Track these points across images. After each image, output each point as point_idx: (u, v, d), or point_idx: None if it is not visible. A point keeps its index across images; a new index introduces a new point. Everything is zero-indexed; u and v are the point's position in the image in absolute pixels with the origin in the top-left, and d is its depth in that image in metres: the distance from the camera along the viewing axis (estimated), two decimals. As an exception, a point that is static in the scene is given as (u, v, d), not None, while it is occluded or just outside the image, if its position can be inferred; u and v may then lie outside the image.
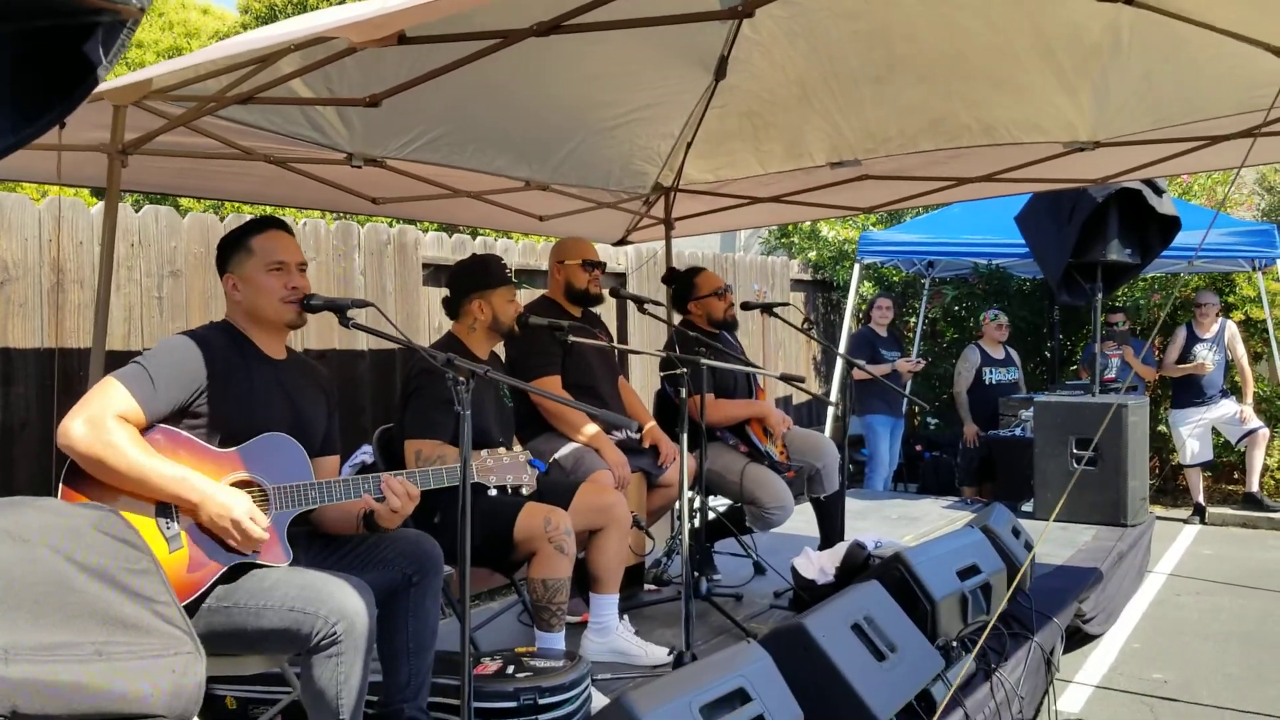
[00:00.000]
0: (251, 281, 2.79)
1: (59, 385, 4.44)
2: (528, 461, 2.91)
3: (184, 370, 2.61)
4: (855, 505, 7.14)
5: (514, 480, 2.88)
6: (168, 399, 2.58)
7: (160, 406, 2.57)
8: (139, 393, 2.53)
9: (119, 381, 2.53)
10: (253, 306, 2.80)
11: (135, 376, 2.55)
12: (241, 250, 2.80)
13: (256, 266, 2.78)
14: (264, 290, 2.78)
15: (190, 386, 2.61)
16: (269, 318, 2.80)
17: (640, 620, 4.20)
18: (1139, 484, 6.58)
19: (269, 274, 2.78)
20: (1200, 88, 4.00)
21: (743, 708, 2.46)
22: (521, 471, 2.89)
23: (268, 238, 2.81)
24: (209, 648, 2.53)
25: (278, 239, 2.83)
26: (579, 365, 4.32)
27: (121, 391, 2.51)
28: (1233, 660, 5.11)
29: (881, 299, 8.49)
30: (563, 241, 4.57)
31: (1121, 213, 6.86)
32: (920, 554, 3.68)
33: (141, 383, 2.54)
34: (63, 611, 1.53)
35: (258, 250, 2.79)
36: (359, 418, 5.83)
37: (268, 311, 2.79)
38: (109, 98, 3.03)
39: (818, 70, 4.38)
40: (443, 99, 3.87)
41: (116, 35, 1.23)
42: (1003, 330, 8.55)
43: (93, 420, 2.45)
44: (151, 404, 2.54)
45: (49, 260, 4.51)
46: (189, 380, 2.61)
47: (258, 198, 5.04)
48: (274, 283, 2.78)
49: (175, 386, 2.59)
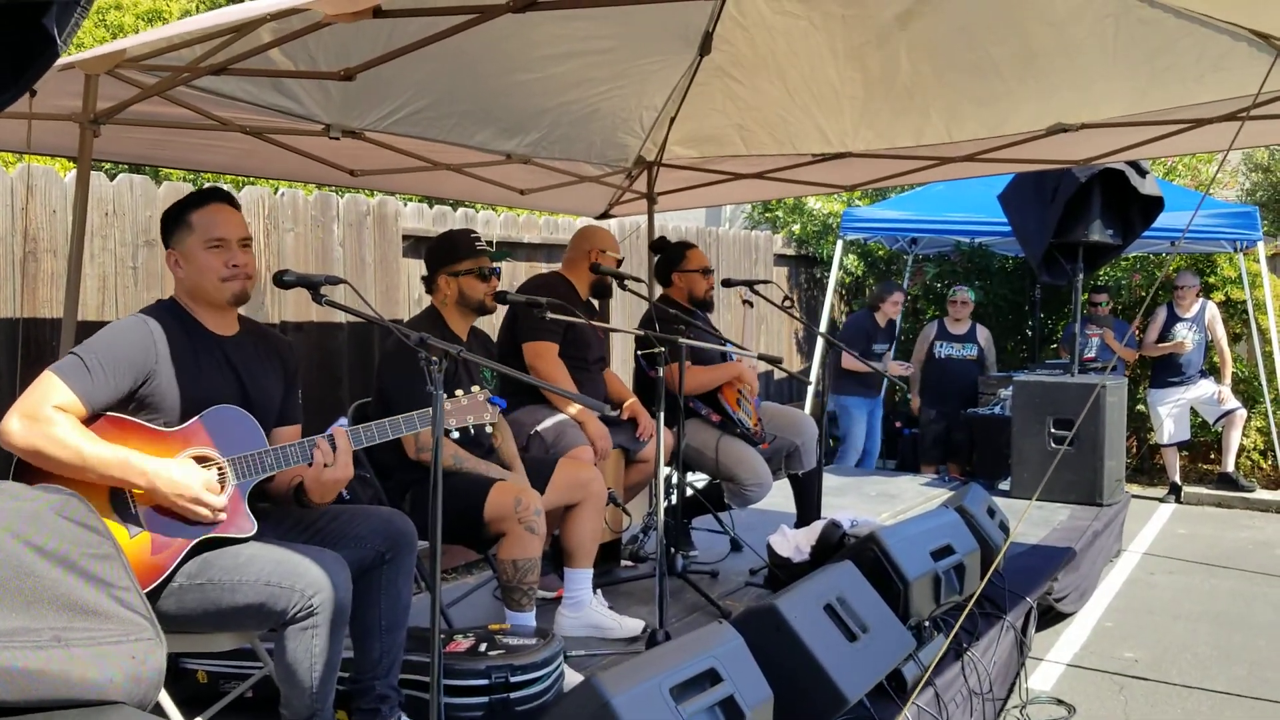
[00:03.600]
0: (192, 259, 2.71)
1: (30, 356, 4.39)
2: (487, 400, 2.87)
3: (125, 357, 2.56)
4: (834, 482, 7.16)
5: (475, 419, 2.84)
6: (108, 388, 2.53)
7: (101, 396, 2.52)
8: (77, 385, 2.49)
9: (55, 375, 2.49)
10: (194, 285, 2.73)
11: (73, 368, 2.51)
12: (182, 225, 2.72)
13: (196, 243, 2.70)
14: (204, 269, 2.70)
15: (132, 373, 2.56)
16: (210, 297, 2.73)
17: (616, 596, 4.21)
18: (1115, 464, 6.64)
19: (208, 251, 2.70)
20: (1185, 75, 4.00)
21: (713, 689, 2.47)
22: (483, 411, 2.85)
23: (208, 212, 2.72)
24: (183, 626, 2.54)
25: (218, 213, 2.73)
26: (579, 339, 4.34)
27: (58, 384, 2.48)
28: (1203, 639, 5.17)
29: (897, 293, 8.35)
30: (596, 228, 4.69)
31: (1104, 193, 6.87)
32: (894, 534, 3.69)
33: (79, 374, 2.50)
34: (21, 597, 1.52)
35: (197, 226, 2.71)
36: (336, 389, 5.81)
37: (208, 291, 2.72)
38: (81, 67, 2.98)
39: (797, 71, 4.41)
40: (423, 72, 3.83)
41: (70, 14, 1.21)
42: (957, 307, 8.52)
43: (29, 414, 2.42)
44: (91, 395, 2.50)
45: (21, 229, 4.46)
46: (130, 367, 2.56)
47: (234, 169, 4.99)
48: (214, 261, 2.70)
49: (116, 374, 2.54)
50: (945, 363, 8.48)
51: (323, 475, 2.65)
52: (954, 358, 8.48)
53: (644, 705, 2.27)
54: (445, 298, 3.71)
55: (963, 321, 8.54)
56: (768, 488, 4.70)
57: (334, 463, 2.65)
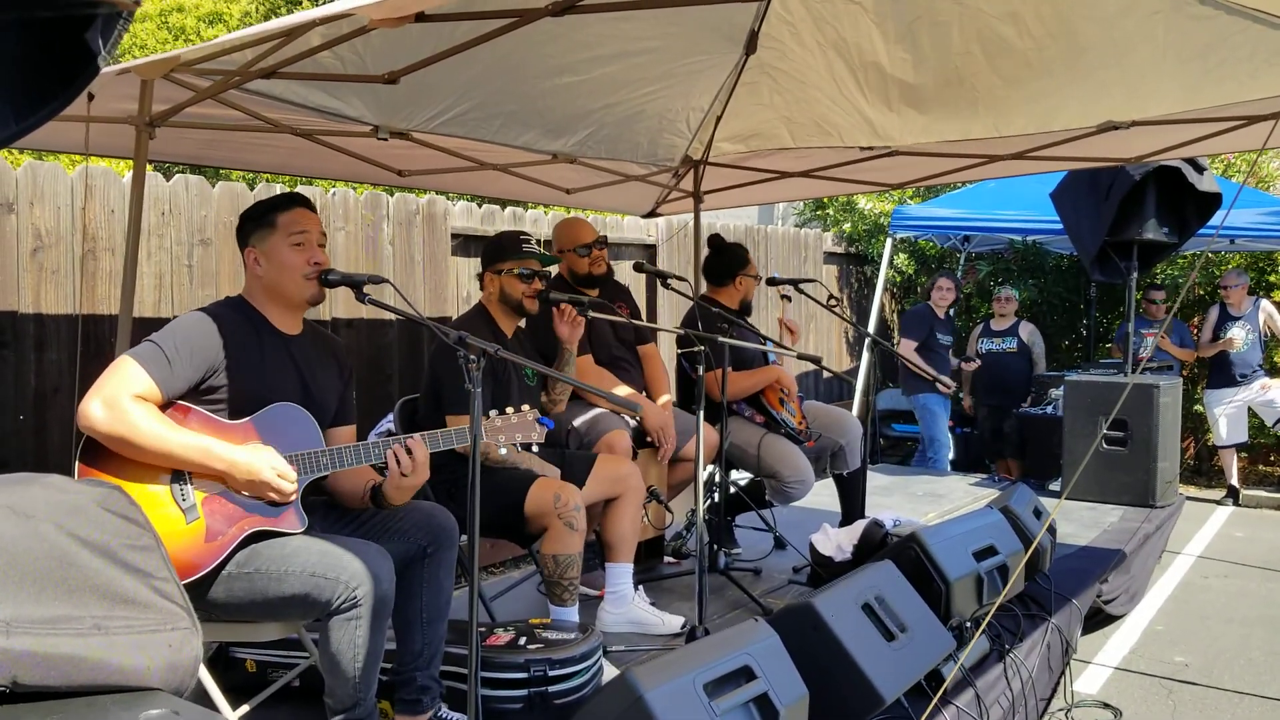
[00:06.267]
0: (274, 256, 2.82)
1: (89, 351, 4.52)
2: (536, 420, 2.94)
3: (197, 348, 2.65)
4: (881, 481, 7.15)
5: (523, 438, 2.93)
6: (183, 377, 2.62)
7: (177, 385, 2.61)
8: (155, 372, 2.57)
9: (135, 361, 2.57)
10: (274, 281, 2.83)
11: (151, 356, 2.59)
12: (264, 225, 2.83)
13: (280, 240, 2.81)
14: (287, 265, 2.80)
15: (203, 364, 2.65)
16: (290, 293, 2.83)
17: (658, 593, 4.24)
18: (1169, 465, 6.53)
19: (292, 248, 2.81)
20: (1239, 72, 3.93)
21: (747, 685, 2.48)
22: (530, 430, 2.93)
23: (293, 214, 2.84)
24: (231, 615, 2.62)
25: (302, 215, 2.85)
26: (597, 339, 4.38)
27: (138, 370, 2.56)
28: (1256, 645, 5.08)
29: (943, 279, 8.33)
30: (558, 226, 4.62)
31: (1159, 190, 6.76)
32: (936, 534, 3.68)
33: (158, 362, 2.58)
34: (64, 586, 1.58)
35: (281, 225, 2.82)
36: (385, 386, 5.90)
37: (289, 287, 2.82)
38: (137, 71, 3.06)
39: (844, 61, 4.38)
40: (469, 75, 3.88)
41: (114, 26, 1.26)
42: (1001, 303, 8.57)
43: (110, 401, 2.50)
44: (168, 383, 2.59)
45: (81, 228, 4.59)
46: (202, 358, 2.65)
47: (284, 169, 5.09)
48: (297, 258, 2.81)
49: (190, 365, 2.63)
50: (985, 357, 8.49)
51: (402, 483, 2.74)
52: (994, 351, 8.49)
53: (678, 700, 2.29)
54: (491, 295, 3.79)
55: (1006, 318, 8.55)
56: (809, 485, 4.70)
57: (412, 471, 2.73)
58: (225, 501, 2.60)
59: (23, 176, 4.42)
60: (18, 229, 4.40)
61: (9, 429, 4.38)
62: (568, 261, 4.45)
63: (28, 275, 4.43)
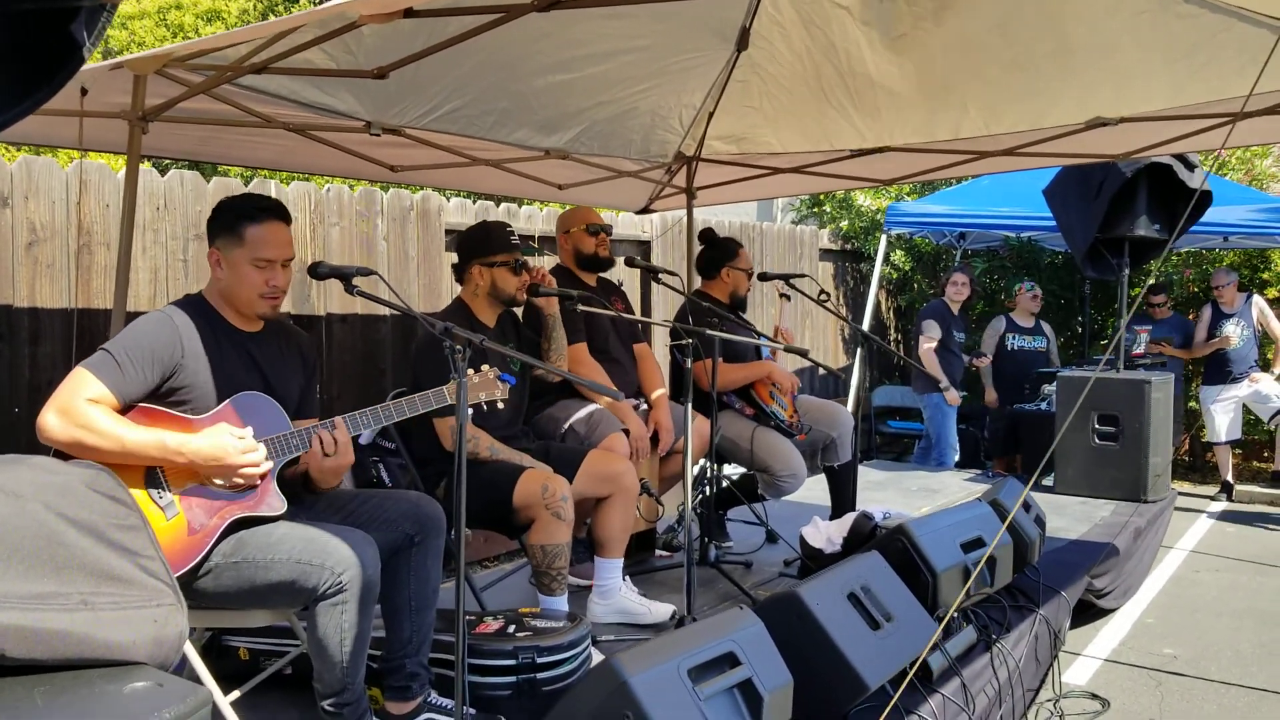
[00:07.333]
0: (235, 268, 2.83)
1: (84, 345, 4.55)
2: (497, 378, 2.97)
3: (152, 351, 2.67)
4: (875, 476, 7.18)
5: (486, 396, 2.97)
6: (137, 380, 2.64)
7: (131, 389, 2.63)
8: (107, 377, 2.60)
9: (87, 370, 2.60)
10: (230, 290, 2.85)
11: (102, 362, 2.62)
12: (233, 234, 2.83)
13: (243, 256, 2.81)
14: (245, 282, 2.83)
15: (160, 366, 2.67)
16: (242, 306, 2.87)
17: (649, 585, 4.28)
18: (1160, 460, 6.57)
19: (252, 267, 2.82)
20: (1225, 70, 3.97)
21: (731, 671, 2.51)
22: (493, 387, 2.97)
23: (261, 230, 2.82)
24: (220, 604, 2.65)
25: (271, 232, 2.84)
26: (595, 331, 4.40)
27: (89, 377, 2.58)
28: (1245, 637, 5.11)
29: (957, 274, 8.30)
30: (565, 212, 4.66)
31: (1150, 187, 6.79)
32: (924, 526, 3.71)
33: (108, 367, 2.61)
34: (52, 563, 1.62)
35: (248, 242, 2.81)
36: (379, 380, 5.92)
37: (242, 301, 2.85)
38: (130, 66, 3.10)
39: (832, 66, 4.42)
40: (461, 71, 3.91)
41: (98, 19, 1.28)
42: (1036, 301, 8.51)
43: (64, 408, 2.53)
44: (121, 387, 2.61)
45: (76, 222, 4.62)
46: (157, 360, 2.67)
47: (278, 165, 5.11)
48: (256, 277, 2.82)
49: (144, 367, 2.65)
50: (1017, 354, 8.39)
51: (324, 463, 2.75)
52: (1025, 349, 8.41)
53: (662, 686, 2.32)
54: (477, 288, 3.80)
55: (1031, 315, 8.51)
56: (801, 479, 4.73)
57: (335, 451, 2.74)
58: (202, 495, 2.63)
59: (17, 171, 4.45)
60: (12, 223, 4.43)
61: (3, 422, 4.40)
62: (574, 241, 4.47)
63: (23, 269, 4.46)
